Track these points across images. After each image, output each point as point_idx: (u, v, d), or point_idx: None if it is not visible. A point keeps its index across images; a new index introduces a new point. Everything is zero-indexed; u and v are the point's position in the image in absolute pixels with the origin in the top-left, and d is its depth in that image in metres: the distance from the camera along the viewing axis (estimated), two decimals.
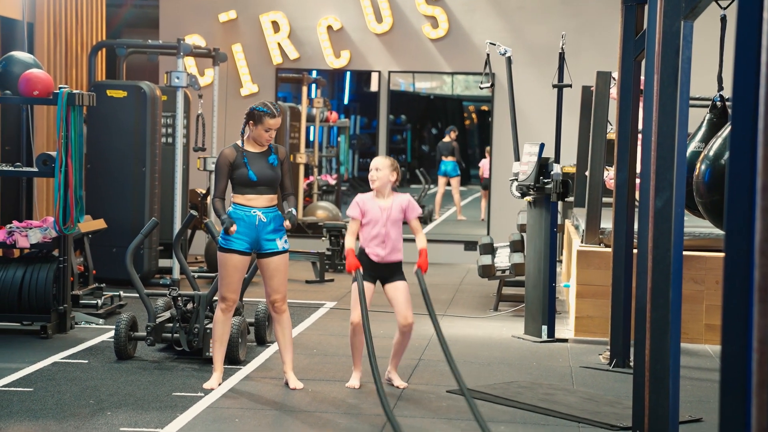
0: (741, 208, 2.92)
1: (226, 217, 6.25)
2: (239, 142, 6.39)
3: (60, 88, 7.82)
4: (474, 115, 22.72)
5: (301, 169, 14.65)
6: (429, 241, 13.77)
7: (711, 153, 6.10)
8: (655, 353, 4.79)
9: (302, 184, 14.69)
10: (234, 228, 6.23)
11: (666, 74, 4.77)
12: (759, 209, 2.54)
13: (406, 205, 6.31)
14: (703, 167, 5.94)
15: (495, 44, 8.73)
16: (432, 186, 18.21)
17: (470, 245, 13.13)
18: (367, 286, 6.26)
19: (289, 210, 6.39)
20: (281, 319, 6.46)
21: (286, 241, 6.44)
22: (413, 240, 6.35)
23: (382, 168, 6.28)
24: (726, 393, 2.96)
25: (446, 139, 17.73)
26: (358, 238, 6.32)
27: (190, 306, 7.22)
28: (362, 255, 6.28)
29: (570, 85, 8.39)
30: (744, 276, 2.91)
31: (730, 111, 5.19)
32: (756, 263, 2.55)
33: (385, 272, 6.32)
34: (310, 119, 15.60)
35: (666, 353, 4.72)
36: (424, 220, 16.39)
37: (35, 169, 8.01)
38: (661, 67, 4.79)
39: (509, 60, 8.70)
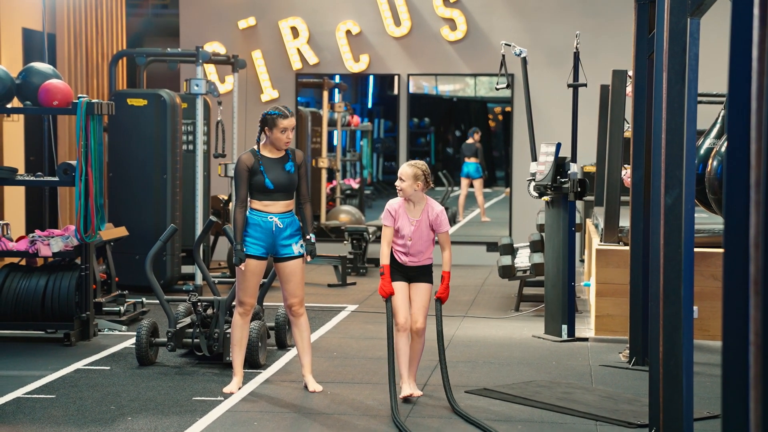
0: (739, 203, 2.93)
1: (240, 248, 6.31)
2: (256, 148, 6.44)
3: (79, 97, 7.90)
4: (500, 117, 22.73)
5: (323, 173, 14.71)
6: (452, 243, 13.80)
7: (723, 149, 6.09)
8: (668, 349, 4.80)
9: (325, 189, 14.75)
10: (243, 266, 6.31)
11: (673, 71, 4.78)
12: (753, 203, 2.55)
13: (434, 219, 6.24)
14: (715, 163, 5.93)
15: (510, 45, 8.74)
16: (455, 188, 18.22)
17: (493, 246, 13.13)
18: (401, 285, 6.25)
19: (309, 237, 6.45)
20: (299, 322, 6.50)
21: (302, 246, 6.49)
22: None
23: (406, 179, 6.19)
24: (727, 386, 2.98)
25: (470, 140, 17.73)
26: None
27: (210, 311, 7.28)
28: (391, 254, 6.27)
29: (585, 85, 8.39)
30: (743, 271, 2.92)
31: None
32: (751, 256, 2.57)
33: (411, 273, 6.27)
34: (332, 124, 15.66)
35: (679, 349, 4.73)
36: (448, 222, 16.38)
37: (56, 179, 8.10)
38: (669, 65, 4.80)
39: (524, 60, 8.71)
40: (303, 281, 6.52)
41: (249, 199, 6.42)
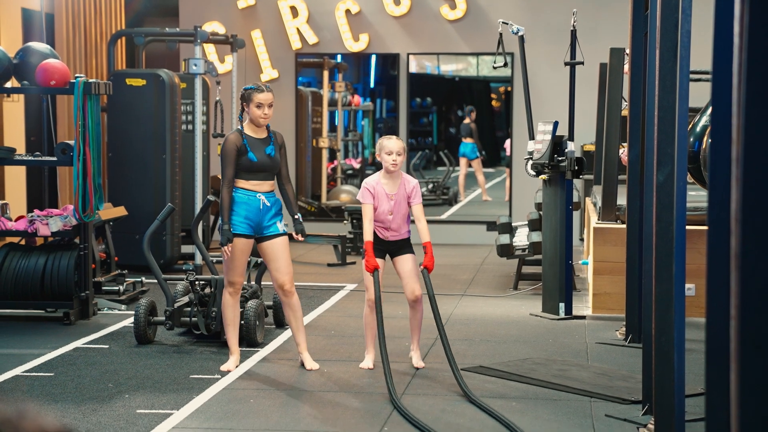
0: (722, 179, 2.94)
1: (227, 227, 6.32)
2: (240, 128, 6.45)
3: (76, 77, 7.91)
4: (503, 96, 22.69)
5: (324, 153, 14.72)
6: (452, 222, 13.77)
7: None
8: (660, 326, 4.82)
9: (326, 168, 14.76)
10: (230, 246, 6.32)
11: (665, 48, 4.79)
12: (734, 179, 2.56)
13: (411, 191, 6.39)
14: (710, 141, 5.93)
15: (508, 23, 8.73)
16: (456, 168, 18.22)
17: (492, 225, 13.14)
18: (379, 262, 6.34)
19: (297, 217, 6.48)
20: (291, 303, 6.49)
21: (286, 225, 6.51)
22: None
23: (402, 152, 6.33)
24: (711, 362, 3.00)
25: (466, 120, 17.73)
26: None
27: (207, 290, 7.31)
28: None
29: (582, 63, 8.38)
30: (726, 246, 2.94)
31: None
32: (732, 231, 2.58)
33: (393, 247, 6.45)
34: (333, 104, 15.65)
35: (670, 326, 4.75)
36: (449, 201, 16.42)
37: (54, 159, 8.12)
38: (661, 42, 4.80)
39: (522, 39, 8.70)
40: (290, 258, 6.51)
41: (235, 179, 6.40)
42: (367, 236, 6.29)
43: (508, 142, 14.15)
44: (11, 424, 1.32)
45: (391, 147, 6.32)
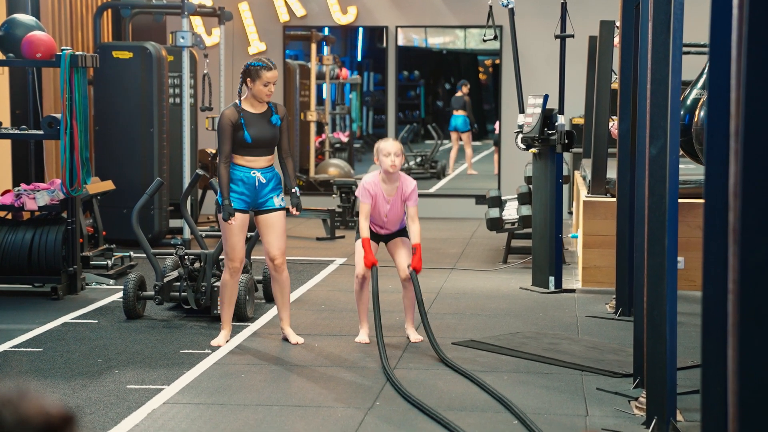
0: (719, 152, 2.93)
1: (228, 203, 6.27)
2: (238, 102, 6.38)
3: (63, 50, 7.84)
4: (490, 69, 22.62)
5: (312, 126, 14.65)
6: (441, 196, 13.76)
7: None
8: (652, 300, 4.82)
9: (314, 142, 14.71)
10: (232, 220, 6.28)
11: (659, 21, 4.75)
12: (732, 152, 2.54)
13: (409, 194, 6.38)
14: (702, 114, 5.92)
15: None
16: (445, 141, 18.18)
17: (481, 199, 13.12)
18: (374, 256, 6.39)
19: (294, 191, 6.43)
20: (281, 279, 6.47)
21: (283, 199, 6.47)
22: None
23: (400, 153, 6.33)
24: (707, 336, 2.99)
25: (458, 93, 17.68)
26: None
27: (197, 265, 7.28)
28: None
29: (572, 36, 8.34)
30: (723, 220, 2.93)
31: None
32: (730, 205, 2.57)
33: (386, 238, 6.54)
34: (321, 77, 15.57)
35: (662, 299, 4.74)
36: (437, 175, 16.40)
37: (41, 132, 8.05)
38: (654, 14, 4.77)
39: (512, 11, 8.65)
40: (284, 234, 6.48)
41: (232, 154, 6.36)
42: (364, 233, 6.33)
43: (497, 124, 14.08)
44: (12, 405, 1.29)
45: (389, 149, 6.30)
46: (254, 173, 6.34)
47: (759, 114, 2.24)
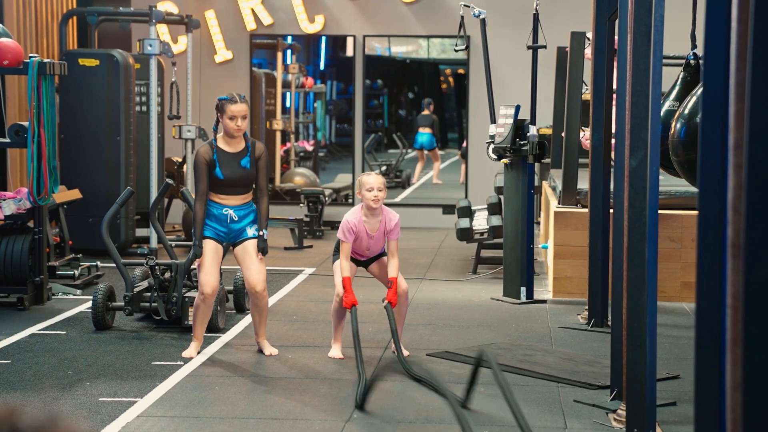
0: (713, 165, 2.92)
1: (198, 243, 6.22)
2: (213, 140, 6.33)
3: (30, 57, 7.73)
4: (450, 79, 22.66)
5: (278, 135, 14.59)
6: (407, 205, 13.73)
7: (686, 111, 6.10)
8: (632, 311, 4.82)
9: (279, 151, 14.64)
10: (199, 260, 6.25)
11: (639, 33, 4.76)
12: (732, 166, 2.53)
13: (392, 228, 6.29)
14: (678, 126, 5.94)
15: (469, 6, 8.68)
16: (409, 150, 18.17)
17: (449, 209, 13.12)
18: (351, 266, 6.31)
19: (261, 234, 6.33)
20: (261, 304, 6.38)
21: (257, 230, 6.39)
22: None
23: (383, 188, 6.23)
24: (701, 349, 2.98)
25: (425, 112, 17.68)
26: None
27: (167, 275, 7.19)
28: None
29: (545, 47, 8.36)
30: (717, 233, 2.92)
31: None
32: (729, 219, 2.55)
33: (366, 262, 6.47)
34: (286, 85, 15.52)
35: (642, 311, 4.75)
36: (402, 184, 16.39)
37: (7, 140, 7.93)
38: (635, 26, 4.78)
39: (483, 22, 8.66)
40: (263, 261, 6.39)
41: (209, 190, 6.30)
42: (345, 272, 6.20)
43: (465, 142, 14.08)
44: (45, 431, 1.24)
45: (372, 183, 6.21)
46: (227, 211, 6.29)
47: (765, 127, 2.23)
